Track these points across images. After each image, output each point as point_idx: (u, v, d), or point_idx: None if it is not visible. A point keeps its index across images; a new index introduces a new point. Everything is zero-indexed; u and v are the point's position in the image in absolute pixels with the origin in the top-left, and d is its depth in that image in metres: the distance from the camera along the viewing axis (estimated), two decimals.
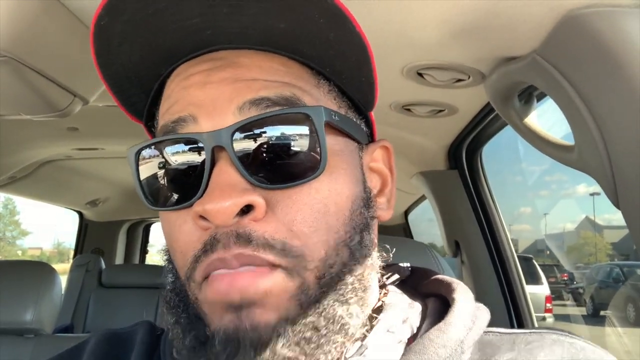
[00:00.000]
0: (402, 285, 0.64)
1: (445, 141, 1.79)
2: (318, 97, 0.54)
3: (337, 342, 0.49)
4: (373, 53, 0.53)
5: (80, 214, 4.08)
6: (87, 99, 1.08)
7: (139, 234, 4.63)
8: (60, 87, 0.99)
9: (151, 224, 4.84)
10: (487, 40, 0.89)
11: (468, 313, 0.54)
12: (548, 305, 6.08)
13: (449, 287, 0.58)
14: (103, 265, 3.63)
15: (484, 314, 0.56)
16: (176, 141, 0.51)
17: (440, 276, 0.62)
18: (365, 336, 0.53)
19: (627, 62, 0.68)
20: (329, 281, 0.50)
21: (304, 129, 0.50)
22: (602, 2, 0.69)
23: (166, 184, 0.52)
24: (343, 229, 0.52)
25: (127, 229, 4.40)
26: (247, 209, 0.47)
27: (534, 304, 1.88)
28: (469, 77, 1.10)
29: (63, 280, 3.31)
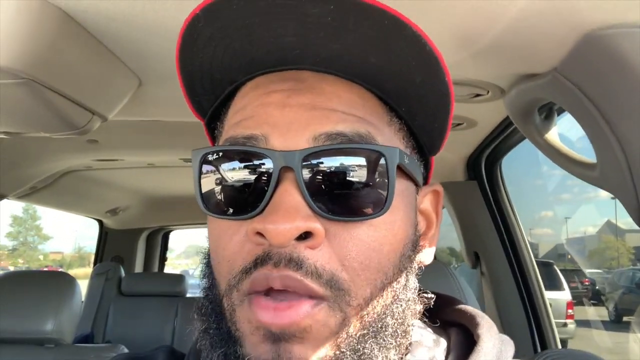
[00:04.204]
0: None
1: (464, 152, 1.77)
2: (390, 136, 0.54)
3: None
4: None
5: (101, 222, 4.13)
6: (105, 116, 1.09)
7: (157, 241, 4.67)
8: (79, 106, 1.00)
9: (170, 231, 4.87)
10: (506, 58, 0.87)
11: (493, 351, 0.54)
12: (569, 311, 6.00)
13: (472, 320, 0.57)
14: (123, 274, 3.67)
15: (508, 348, 0.56)
16: (244, 153, 0.51)
17: (463, 306, 0.61)
18: None
19: None
20: (371, 322, 0.49)
21: (376, 167, 0.49)
22: (625, 22, 0.68)
23: (225, 192, 0.52)
24: (391, 270, 0.51)
25: (146, 236, 4.43)
26: (304, 235, 0.47)
27: (555, 310, 1.85)
28: (488, 92, 1.09)
29: (84, 285, 3.36)
